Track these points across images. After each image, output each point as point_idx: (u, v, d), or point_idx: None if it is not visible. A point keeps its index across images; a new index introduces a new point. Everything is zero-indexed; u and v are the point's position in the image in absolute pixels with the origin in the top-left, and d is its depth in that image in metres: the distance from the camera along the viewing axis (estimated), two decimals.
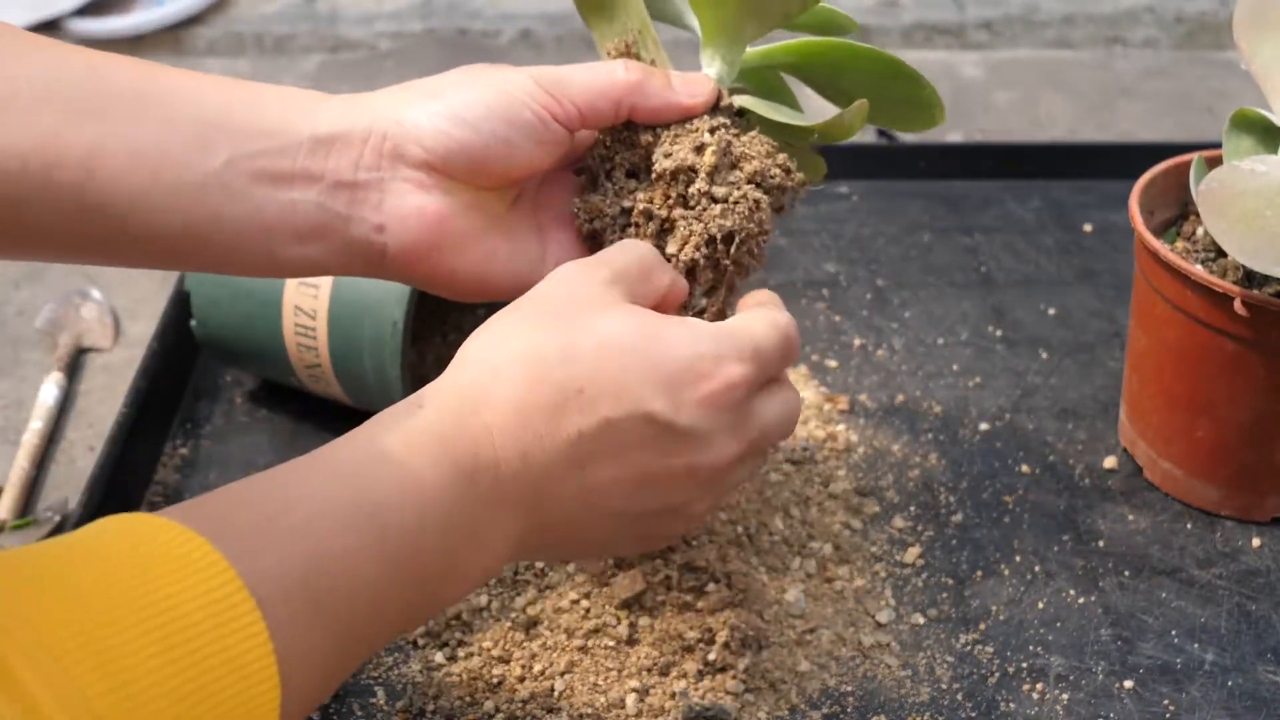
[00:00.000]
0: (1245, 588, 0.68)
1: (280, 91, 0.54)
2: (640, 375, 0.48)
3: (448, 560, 0.45)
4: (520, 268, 0.56)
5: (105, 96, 0.50)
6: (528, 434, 0.47)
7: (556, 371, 0.47)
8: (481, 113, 0.52)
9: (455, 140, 0.52)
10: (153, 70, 0.52)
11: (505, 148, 0.53)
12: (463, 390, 0.48)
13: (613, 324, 0.49)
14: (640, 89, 0.54)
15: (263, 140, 0.51)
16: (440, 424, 0.46)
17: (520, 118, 0.53)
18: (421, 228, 0.53)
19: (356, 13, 1.37)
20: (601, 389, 0.47)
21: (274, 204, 0.52)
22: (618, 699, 0.60)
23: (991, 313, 0.89)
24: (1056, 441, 0.78)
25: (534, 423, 0.47)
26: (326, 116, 0.53)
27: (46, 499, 0.76)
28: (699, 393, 0.49)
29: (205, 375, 0.83)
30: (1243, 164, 0.63)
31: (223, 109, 0.51)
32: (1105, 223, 0.99)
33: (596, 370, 0.48)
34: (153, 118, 0.50)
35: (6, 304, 0.93)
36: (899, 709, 0.61)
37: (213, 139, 0.50)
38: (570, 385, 0.47)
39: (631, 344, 0.48)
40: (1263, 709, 0.61)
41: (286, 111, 0.52)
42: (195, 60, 1.32)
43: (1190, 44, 1.35)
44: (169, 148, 0.50)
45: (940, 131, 1.18)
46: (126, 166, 0.49)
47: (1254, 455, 0.70)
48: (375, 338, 0.70)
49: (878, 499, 0.73)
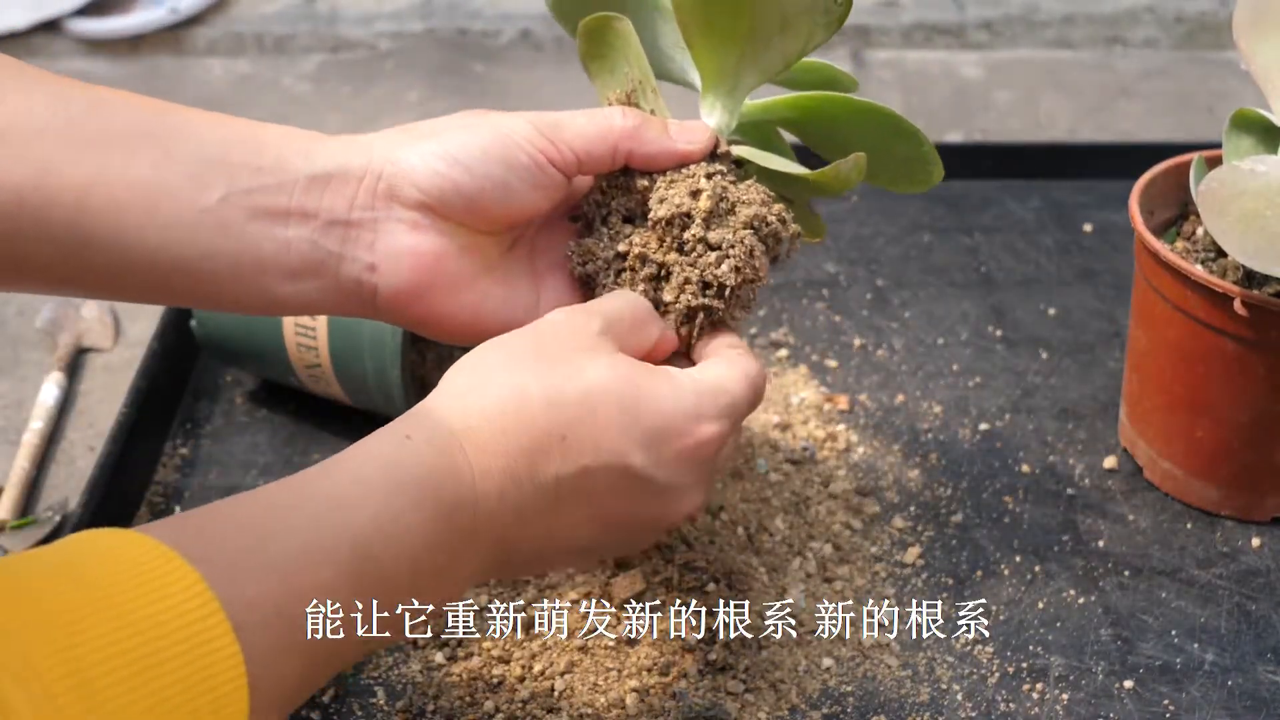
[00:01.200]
0: (1245, 588, 0.68)
1: (280, 130, 0.53)
2: (622, 428, 0.49)
3: (416, 591, 0.46)
4: (513, 313, 0.56)
5: (102, 132, 0.49)
6: (508, 477, 0.47)
7: (540, 417, 0.48)
8: (477, 155, 0.52)
9: (450, 181, 0.52)
10: (152, 107, 0.52)
11: (501, 190, 0.53)
12: (448, 428, 0.48)
13: (600, 372, 0.49)
14: (637, 134, 0.54)
15: (259, 177, 0.51)
16: (424, 463, 0.47)
17: (517, 161, 0.53)
18: (414, 269, 0.53)
19: (356, 13, 1.37)
20: (583, 438, 0.48)
21: (269, 241, 0.52)
22: (618, 699, 0.60)
23: (991, 313, 0.90)
24: (1056, 441, 0.78)
25: (515, 466, 0.48)
26: (323, 155, 0.53)
27: (46, 499, 0.76)
28: (677, 449, 0.50)
29: (205, 375, 0.83)
30: (1243, 164, 0.63)
31: (220, 145, 0.51)
32: (1105, 223, 0.99)
33: (580, 419, 0.48)
34: (149, 153, 0.50)
35: (6, 304, 0.94)
36: (899, 709, 0.61)
37: (209, 175, 0.50)
38: (554, 431, 0.48)
39: (617, 395, 0.49)
40: (1263, 709, 0.61)
41: (284, 150, 0.52)
42: (195, 60, 1.32)
43: (1190, 44, 1.35)
44: (165, 183, 0.50)
45: (940, 131, 1.18)
46: (122, 202, 0.49)
47: (1254, 455, 0.70)
48: (375, 338, 0.70)
49: (878, 499, 0.73)
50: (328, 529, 0.44)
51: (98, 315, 0.91)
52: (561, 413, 0.48)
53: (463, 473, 0.47)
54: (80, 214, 0.49)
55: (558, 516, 0.49)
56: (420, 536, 0.45)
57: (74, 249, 0.50)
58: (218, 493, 0.74)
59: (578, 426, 0.48)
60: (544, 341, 0.50)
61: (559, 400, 0.48)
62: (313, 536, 0.43)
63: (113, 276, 0.51)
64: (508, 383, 0.49)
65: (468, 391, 0.49)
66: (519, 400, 0.48)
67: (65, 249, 0.50)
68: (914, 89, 1.26)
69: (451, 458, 0.47)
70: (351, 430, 0.78)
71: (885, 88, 1.26)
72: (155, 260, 0.51)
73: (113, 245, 0.50)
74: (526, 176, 0.53)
